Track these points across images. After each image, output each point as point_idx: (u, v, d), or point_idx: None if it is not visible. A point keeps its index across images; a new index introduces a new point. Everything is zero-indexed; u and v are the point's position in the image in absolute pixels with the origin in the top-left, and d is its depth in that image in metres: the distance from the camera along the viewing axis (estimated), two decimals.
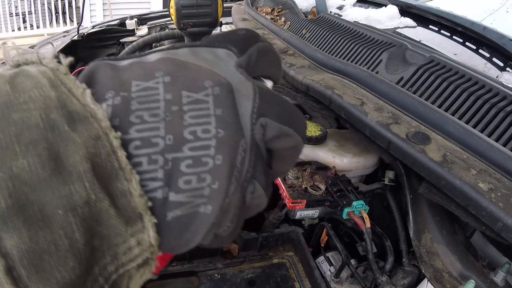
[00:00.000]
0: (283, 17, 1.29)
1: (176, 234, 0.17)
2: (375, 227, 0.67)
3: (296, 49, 0.97)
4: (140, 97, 0.17)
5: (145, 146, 0.16)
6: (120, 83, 0.17)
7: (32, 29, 5.01)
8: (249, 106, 0.19)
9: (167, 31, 1.63)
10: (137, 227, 0.16)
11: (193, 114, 0.17)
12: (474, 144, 0.56)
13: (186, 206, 0.17)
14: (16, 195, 0.13)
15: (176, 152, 0.16)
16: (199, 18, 0.66)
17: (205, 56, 0.20)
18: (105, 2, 5.03)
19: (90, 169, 0.15)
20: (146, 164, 0.16)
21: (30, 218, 0.13)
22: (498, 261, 0.61)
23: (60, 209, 0.14)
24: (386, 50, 0.82)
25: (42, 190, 0.13)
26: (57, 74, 0.16)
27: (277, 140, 0.19)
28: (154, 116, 0.16)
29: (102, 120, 0.15)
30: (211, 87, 0.18)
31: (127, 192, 0.15)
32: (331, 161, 0.79)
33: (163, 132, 0.16)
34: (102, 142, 0.15)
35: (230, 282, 0.64)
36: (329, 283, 0.66)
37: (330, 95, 0.72)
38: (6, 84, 0.15)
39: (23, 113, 0.14)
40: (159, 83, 0.17)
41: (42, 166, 0.14)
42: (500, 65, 0.88)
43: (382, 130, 0.61)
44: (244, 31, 0.23)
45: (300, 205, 0.64)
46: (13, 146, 0.13)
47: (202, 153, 0.17)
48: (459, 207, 0.53)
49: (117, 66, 0.18)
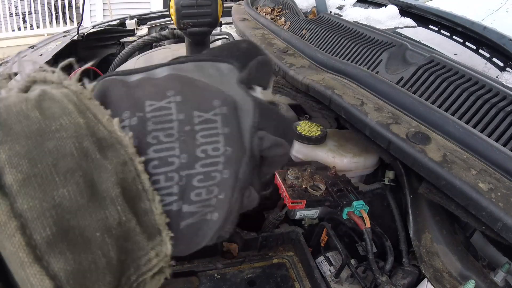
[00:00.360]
0: (283, 17, 1.29)
1: (187, 240, 0.19)
2: (375, 227, 0.67)
3: (296, 49, 0.97)
4: (155, 117, 0.18)
5: (162, 166, 0.18)
6: (134, 102, 0.18)
7: (32, 29, 5.01)
8: (249, 121, 0.20)
9: (167, 31, 1.63)
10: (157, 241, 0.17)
11: (204, 133, 0.19)
12: (474, 144, 0.56)
13: (196, 215, 0.19)
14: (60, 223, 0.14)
15: (190, 169, 0.18)
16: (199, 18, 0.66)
17: (210, 71, 0.22)
18: (105, 2, 5.03)
19: (120, 193, 0.16)
20: (164, 181, 0.18)
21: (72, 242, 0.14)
22: (498, 261, 0.61)
23: (98, 232, 0.15)
24: (386, 50, 0.82)
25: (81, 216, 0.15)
26: (81, 98, 0.17)
27: (271, 149, 0.21)
28: (169, 136, 0.18)
29: (128, 147, 0.17)
30: (219, 106, 0.19)
31: (149, 211, 0.17)
32: (331, 161, 0.79)
33: (178, 151, 0.18)
34: (128, 167, 0.17)
35: (230, 282, 0.64)
36: (329, 283, 0.66)
37: (330, 95, 0.72)
38: (35, 110, 0.15)
39: (57, 141, 0.15)
40: (171, 103, 0.18)
41: (80, 194, 0.15)
42: (500, 65, 0.88)
43: (382, 130, 0.61)
44: (245, 44, 0.25)
45: (300, 205, 0.64)
46: (52, 176, 0.14)
47: (212, 168, 0.19)
48: (459, 207, 0.53)
49: (127, 83, 0.20)
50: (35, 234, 0.14)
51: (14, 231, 0.13)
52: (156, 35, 1.60)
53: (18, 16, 4.97)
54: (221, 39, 1.52)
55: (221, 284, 0.64)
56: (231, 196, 0.19)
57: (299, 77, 0.81)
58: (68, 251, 0.14)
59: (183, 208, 0.18)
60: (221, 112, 0.19)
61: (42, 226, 0.14)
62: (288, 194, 0.64)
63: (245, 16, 1.40)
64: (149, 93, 0.19)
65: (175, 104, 0.18)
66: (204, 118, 0.19)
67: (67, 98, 0.17)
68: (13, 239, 0.13)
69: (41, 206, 0.14)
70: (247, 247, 0.71)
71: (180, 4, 0.65)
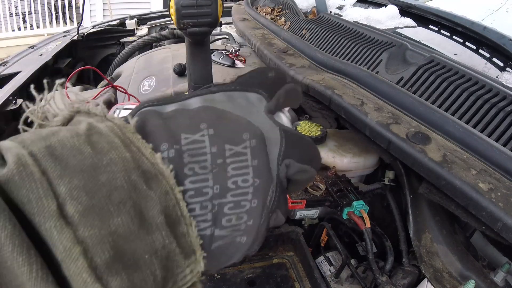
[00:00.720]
0: (283, 17, 1.29)
1: (217, 258, 0.21)
2: (375, 227, 0.67)
3: (296, 49, 0.97)
4: (190, 150, 0.20)
5: (197, 195, 0.20)
6: (170, 135, 0.20)
7: (32, 29, 5.01)
8: (276, 151, 0.22)
9: (167, 31, 1.63)
10: (192, 260, 0.19)
11: (234, 166, 0.20)
12: (474, 144, 0.56)
13: (226, 238, 0.21)
14: (116, 247, 0.16)
15: (222, 198, 0.20)
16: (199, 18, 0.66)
17: (239, 101, 0.24)
18: (105, 2, 5.03)
19: (164, 220, 0.18)
20: (199, 210, 0.20)
21: (126, 263, 0.16)
22: (498, 261, 0.61)
23: (146, 254, 0.17)
24: (386, 50, 0.82)
25: (133, 241, 0.17)
26: (124, 132, 0.19)
27: (297, 175, 0.23)
28: (203, 168, 0.20)
29: (169, 178, 0.19)
30: (248, 139, 0.21)
31: (186, 234, 0.19)
32: (331, 161, 0.79)
33: (211, 183, 0.20)
34: (169, 196, 0.19)
35: (230, 282, 0.64)
36: (329, 283, 0.66)
37: (330, 95, 0.72)
38: (87, 145, 0.17)
39: (108, 175, 0.17)
40: (205, 136, 0.20)
41: (131, 222, 0.17)
42: (500, 65, 0.88)
43: (382, 130, 0.61)
44: (273, 73, 0.26)
45: (300, 205, 0.64)
46: (108, 206, 0.16)
47: (242, 198, 0.20)
48: (459, 207, 0.53)
49: (162, 114, 0.22)
50: (95, 257, 0.16)
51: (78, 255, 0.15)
52: (156, 35, 1.60)
53: (18, 16, 4.96)
54: (221, 39, 1.52)
55: (221, 284, 0.64)
56: (259, 222, 0.21)
57: (299, 77, 0.81)
58: (123, 271, 0.16)
59: (215, 232, 0.20)
60: (250, 145, 0.21)
61: (101, 250, 0.16)
62: (288, 194, 0.64)
63: (245, 16, 1.40)
64: (184, 125, 0.21)
65: (208, 137, 0.20)
66: (235, 151, 0.21)
67: (112, 132, 0.19)
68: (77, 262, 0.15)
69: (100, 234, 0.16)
70: None
71: (180, 4, 0.64)
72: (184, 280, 0.19)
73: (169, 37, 1.60)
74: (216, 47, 1.27)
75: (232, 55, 1.19)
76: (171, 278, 0.19)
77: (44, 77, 1.27)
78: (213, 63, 1.06)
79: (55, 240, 0.15)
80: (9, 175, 0.15)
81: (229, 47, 1.25)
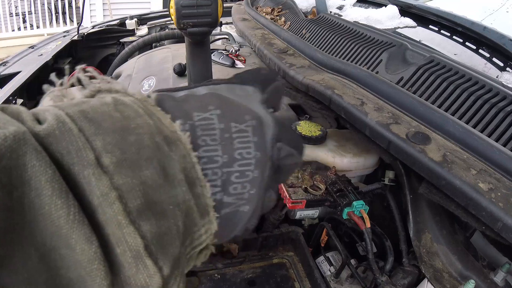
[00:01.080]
0: (283, 17, 1.29)
1: (223, 226, 0.23)
2: (375, 227, 0.67)
3: (296, 49, 0.97)
4: (201, 125, 0.23)
5: (210, 162, 0.22)
6: (184, 113, 0.23)
7: (32, 29, 5.00)
8: (270, 133, 0.25)
9: (167, 31, 1.63)
10: (206, 220, 0.22)
11: (239, 140, 0.23)
12: (474, 144, 0.56)
13: (232, 206, 0.23)
14: (146, 195, 0.18)
15: (229, 167, 0.23)
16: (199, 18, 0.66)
17: (239, 92, 0.27)
18: (105, 2, 5.03)
19: (184, 178, 0.20)
20: (211, 175, 0.22)
21: (155, 211, 0.18)
22: (498, 261, 0.61)
23: (170, 205, 0.19)
24: (386, 50, 0.82)
25: (159, 192, 0.19)
26: (146, 105, 0.21)
27: (286, 159, 0.26)
28: (214, 140, 0.22)
29: (187, 144, 0.21)
30: (249, 120, 0.24)
31: (201, 195, 0.21)
32: (331, 161, 0.79)
33: (221, 152, 0.22)
34: (187, 159, 0.21)
35: (230, 282, 0.64)
36: (329, 283, 0.66)
37: (330, 95, 0.72)
38: (116, 111, 0.19)
39: (136, 136, 0.19)
40: (213, 115, 0.23)
41: (158, 175, 0.19)
42: (500, 65, 0.88)
43: (382, 130, 0.61)
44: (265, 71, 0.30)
45: (300, 205, 0.64)
46: (138, 161, 0.18)
47: (246, 168, 0.23)
48: (459, 207, 0.53)
49: (175, 97, 0.25)
50: (129, 203, 0.17)
51: (114, 200, 0.17)
52: (156, 35, 1.60)
53: (18, 16, 4.96)
54: (221, 39, 1.52)
55: (221, 284, 0.64)
56: (259, 192, 0.24)
57: (299, 77, 0.81)
58: (153, 217, 0.18)
59: (224, 199, 0.22)
60: (251, 125, 0.24)
61: (134, 197, 0.17)
62: (288, 194, 0.64)
63: (245, 16, 1.40)
64: (195, 106, 0.23)
65: (216, 116, 0.23)
66: (239, 128, 0.24)
67: (135, 104, 0.21)
68: (113, 206, 0.17)
69: (132, 182, 0.18)
70: (247, 247, 0.71)
71: (180, 4, 0.64)
72: (199, 239, 0.22)
73: (169, 37, 1.60)
74: (216, 47, 1.27)
75: (232, 55, 1.19)
76: (188, 235, 0.21)
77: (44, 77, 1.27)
78: (213, 63, 1.06)
79: (93, 186, 0.17)
80: (50, 130, 0.17)
81: (229, 47, 1.25)
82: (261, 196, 0.24)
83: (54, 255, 0.16)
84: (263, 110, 0.26)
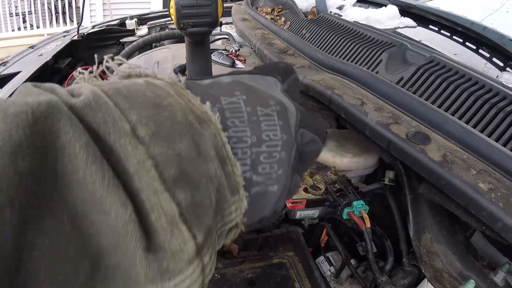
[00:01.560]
0: (283, 17, 1.29)
1: (253, 206, 0.24)
2: (375, 227, 0.67)
3: (296, 49, 0.97)
4: (230, 108, 0.23)
5: (239, 142, 0.23)
6: (212, 97, 0.23)
7: (32, 29, 5.00)
8: (294, 119, 0.26)
9: (167, 31, 1.62)
10: (236, 198, 0.22)
11: (266, 123, 0.24)
12: (474, 144, 0.56)
13: (261, 185, 0.24)
14: (180, 166, 0.18)
15: (258, 147, 0.23)
16: (199, 18, 0.66)
17: (260, 81, 0.28)
18: (105, 2, 5.03)
19: (215, 155, 0.21)
20: (240, 154, 0.23)
21: (189, 182, 0.19)
22: (498, 261, 0.61)
23: (203, 178, 0.19)
24: (386, 50, 0.82)
25: (193, 164, 0.19)
26: (176, 87, 0.22)
27: (309, 145, 0.27)
28: (242, 122, 0.23)
29: (217, 124, 0.22)
30: (274, 105, 0.25)
31: (231, 173, 0.22)
32: (331, 161, 0.79)
33: (249, 133, 0.23)
34: (217, 138, 0.21)
35: (230, 282, 0.64)
36: (329, 283, 0.66)
37: (330, 95, 0.72)
38: (149, 91, 0.20)
39: (169, 112, 0.19)
40: (240, 100, 0.24)
41: (191, 149, 0.19)
42: (500, 65, 0.88)
43: (382, 130, 0.61)
44: (284, 64, 0.31)
45: (300, 205, 0.64)
46: (172, 134, 0.19)
47: (273, 149, 0.24)
48: (459, 207, 0.53)
49: (202, 84, 0.25)
50: (165, 171, 0.18)
51: (150, 167, 0.17)
52: (156, 35, 1.60)
53: (18, 16, 4.96)
54: (221, 39, 1.52)
55: (221, 284, 0.64)
56: (287, 173, 0.24)
57: (299, 77, 0.81)
58: (187, 187, 0.18)
59: (253, 178, 0.23)
60: (276, 109, 0.25)
61: (169, 166, 0.18)
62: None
63: (245, 16, 1.40)
64: (221, 92, 0.24)
65: (242, 100, 0.24)
66: (265, 112, 0.24)
67: (166, 86, 0.21)
68: (149, 173, 0.17)
69: (168, 153, 0.18)
70: (247, 247, 0.71)
71: (180, 4, 0.64)
72: (230, 217, 0.22)
73: (169, 37, 1.60)
74: (216, 47, 1.27)
75: (232, 55, 1.19)
76: (219, 211, 0.21)
77: (44, 77, 1.27)
78: (213, 63, 1.06)
79: (129, 155, 0.17)
80: (86, 101, 0.17)
81: (229, 47, 1.25)
82: (288, 177, 0.25)
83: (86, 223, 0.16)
84: (285, 98, 0.27)
